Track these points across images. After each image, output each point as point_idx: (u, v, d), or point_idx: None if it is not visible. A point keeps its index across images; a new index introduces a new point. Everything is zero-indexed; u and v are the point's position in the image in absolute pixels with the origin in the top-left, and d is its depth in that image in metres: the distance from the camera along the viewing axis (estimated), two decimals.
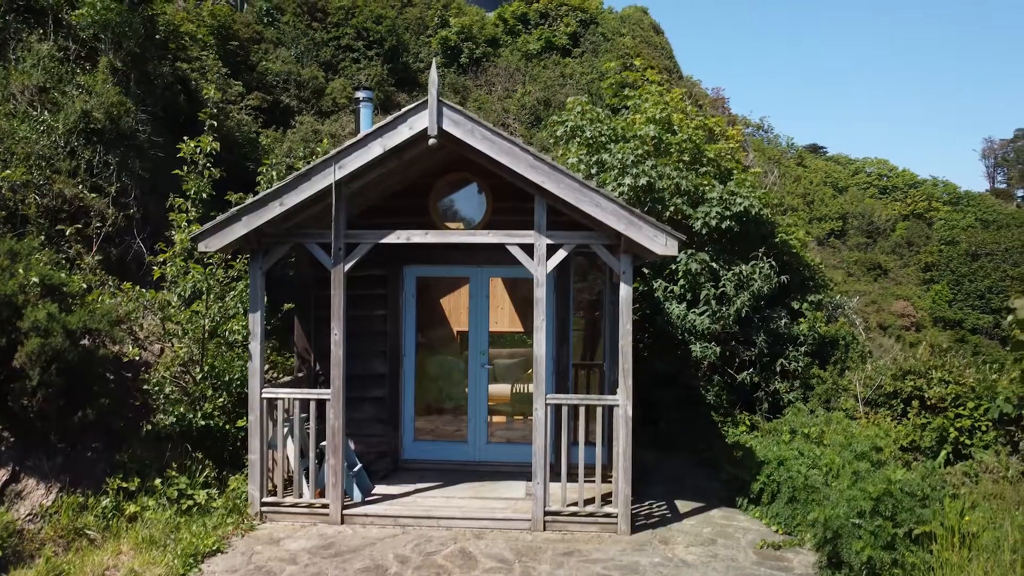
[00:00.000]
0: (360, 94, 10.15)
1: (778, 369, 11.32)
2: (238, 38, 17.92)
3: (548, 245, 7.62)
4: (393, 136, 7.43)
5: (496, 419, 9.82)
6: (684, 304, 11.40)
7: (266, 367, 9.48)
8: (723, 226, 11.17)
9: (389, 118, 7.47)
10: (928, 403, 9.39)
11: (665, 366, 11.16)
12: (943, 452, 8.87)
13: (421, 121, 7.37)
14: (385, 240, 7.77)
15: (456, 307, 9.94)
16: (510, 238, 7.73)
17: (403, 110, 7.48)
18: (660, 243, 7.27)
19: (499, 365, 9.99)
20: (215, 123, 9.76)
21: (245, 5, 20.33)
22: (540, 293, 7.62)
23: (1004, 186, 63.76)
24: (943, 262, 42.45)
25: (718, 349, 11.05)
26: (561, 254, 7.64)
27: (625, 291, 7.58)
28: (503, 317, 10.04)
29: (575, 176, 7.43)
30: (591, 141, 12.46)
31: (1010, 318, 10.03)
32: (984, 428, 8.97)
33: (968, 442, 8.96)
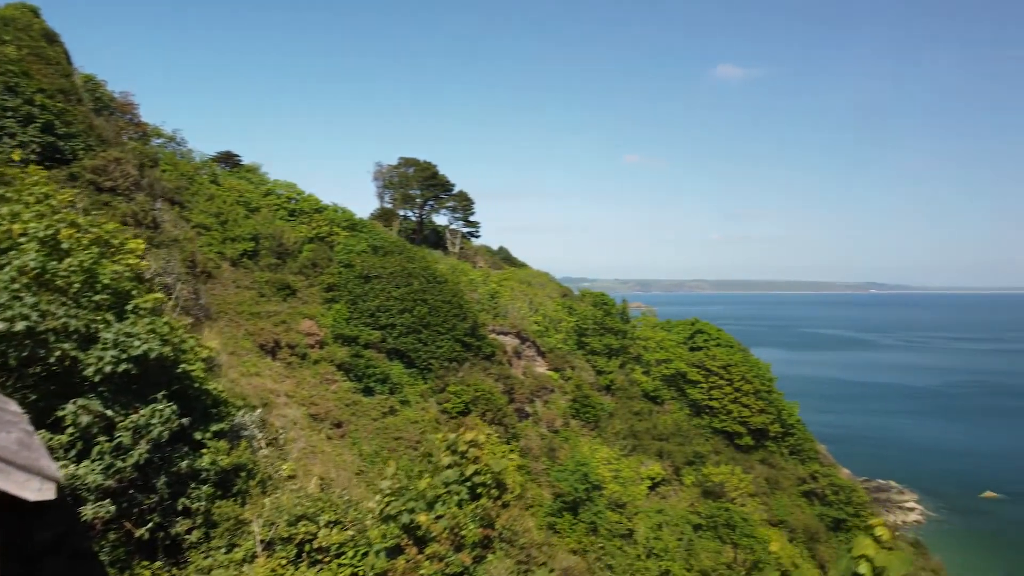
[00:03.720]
0: None
1: (180, 508, 11.07)
2: None
3: None
4: None
5: None
6: (73, 454, 10.27)
7: None
8: (120, 370, 10.37)
9: None
10: (319, 547, 10.34)
11: (47, 535, 9.87)
12: None
13: None
14: None
15: None
16: None
17: None
18: (34, 489, 6.45)
19: None
20: None
21: None
22: None
23: (390, 205, 74.23)
24: (342, 283, 47.50)
25: (113, 508, 10.25)
26: None
27: None
28: None
29: None
30: None
31: (385, 482, 11.68)
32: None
33: None
